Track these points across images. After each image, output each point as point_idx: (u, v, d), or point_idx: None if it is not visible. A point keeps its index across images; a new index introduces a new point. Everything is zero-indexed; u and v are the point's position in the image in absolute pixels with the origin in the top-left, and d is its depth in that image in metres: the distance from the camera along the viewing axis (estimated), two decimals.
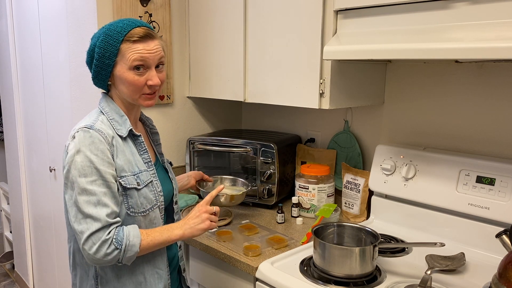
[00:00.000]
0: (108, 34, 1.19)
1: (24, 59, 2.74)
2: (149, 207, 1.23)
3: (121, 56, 1.19)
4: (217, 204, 1.72)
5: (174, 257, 1.41)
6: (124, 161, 1.20)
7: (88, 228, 1.12)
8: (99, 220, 1.12)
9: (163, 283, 1.31)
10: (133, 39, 1.18)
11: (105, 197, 1.14)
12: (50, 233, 2.68)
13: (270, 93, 1.81)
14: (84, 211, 1.12)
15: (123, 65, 1.19)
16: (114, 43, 1.18)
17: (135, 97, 1.23)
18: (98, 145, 1.15)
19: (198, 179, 1.74)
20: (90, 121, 1.20)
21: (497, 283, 1.13)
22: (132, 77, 1.19)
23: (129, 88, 1.21)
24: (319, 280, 1.31)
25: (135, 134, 1.27)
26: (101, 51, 1.19)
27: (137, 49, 1.18)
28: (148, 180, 1.24)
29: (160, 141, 1.44)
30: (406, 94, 1.78)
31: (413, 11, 1.33)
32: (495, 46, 1.09)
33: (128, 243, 1.15)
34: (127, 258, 1.16)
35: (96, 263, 1.15)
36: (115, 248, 1.13)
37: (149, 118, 1.44)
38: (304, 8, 1.62)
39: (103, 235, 1.12)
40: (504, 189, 1.44)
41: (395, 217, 1.73)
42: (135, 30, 1.19)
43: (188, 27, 2.18)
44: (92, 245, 1.12)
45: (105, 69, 1.21)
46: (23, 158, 2.95)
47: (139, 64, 1.19)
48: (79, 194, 1.13)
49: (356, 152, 1.94)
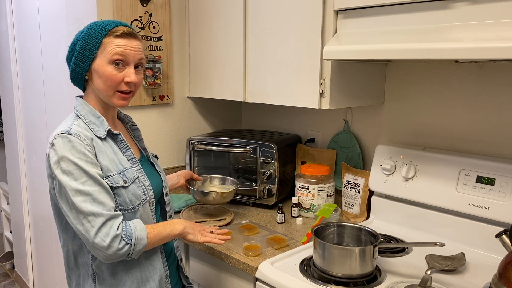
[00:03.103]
0: (92, 29, 1.22)
1: (24, 59, 2.74)
2: (138, 203, 1.24)
3: (102, 49, 1.21)
4: (208, 202, 1.75)
5: (172, 251, 1.42)
6: (108, 161, 1.21)
7: (92, 225, 1.12)
8: (101, 215, 1.13)
9: (158, 274, 1.31)
10: (116, 33, 1.21)
11: (100, 195, 1.15)
12: (50, 233, 2.68)
13: (270, 93, 1.81)
14: (84, 210, 1.13)
15: (103, 58, 1.21)
16: (97, 36, 1.20)
17: (110, 93, 1.23)
18: (79, 148, 1.15)
19: (188, 178, 1.77)
20: (66, 126, 1.19)
21: (497, 283, 1.13)
22: (110, 71, 1.21)
23: (106, 83, 1.22)
24: (319, 280, 1.31)
25: (114, 133, 1.27)
26: (83, 43, 1.21)
27: (119, 43, 1.21)
28: (135, 177, 1.25)
29: (142, 136, 1.44)
30: (406, 94, 1.78)
31: (413, 11, 1.33)
32: (495, 46, 1.09)
33: (137, 237, 1.17)
34: (137, 251, 1.18)
35: (107, 259, 1.15)
36: (126, 243, 1.15)
37: (127, 115, 1.44)
38: (304, 8, 1.62)
39: (111, 230, 1.13)
40: (504, 189, 1.44)
41: (395, 217, 1.73)
42: (119, 27, 1.23)
43: (188, 27, 2.18)
44: (102, 241, 1.12)
45: (85, 62, 1.22)
46: (23, 158, 2.95)
47: (119, 58, 1.21)
48: (73, 196, 1.13)
49: (356, 152, 1.94)
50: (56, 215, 1.27)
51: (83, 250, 1.24)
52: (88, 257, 1.24)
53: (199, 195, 1.75)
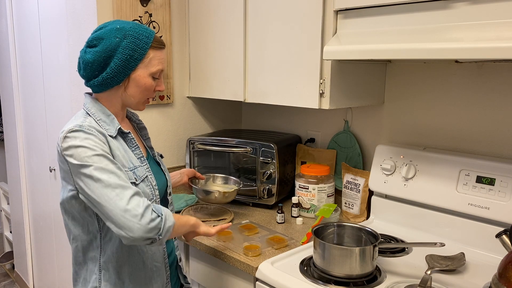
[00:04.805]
0: (136, 38, 1.19)
1: (24, 59, 2.74)
2: None
3: (147, 62, 1.22)
4: (210, 201, 1.75)
5: (172, 251, 1.43)
6: (121, 157, 1.21)
7: (121, 198, 1.08)
8: (129, 187, 1.11)
9: (161, 275, 1.32)
10: (159, 46, 1.24)
11: (123, 175, 1.13)
12: (50, 233, 2.69)
13: (270, 93, 1.81)
14: (111, 183, 1.09)
15: (145, 70, 1.22)
16: (144, 46, 1.20)
17: (141, 101, 1.27)
18: (95, 139, 1.14)
19: (191, 176, 1.77)
20: (78, 122, 1.18)
21: (497, 283, 1.13)
22: (150, 82, 1.24)
23: (143, 93, 1.25)
24: (319, 280, 1.31)
25: (124, 132, 1.27)
26: (130, 53, 1.18)
27: (161, 57, 1.25)
28: (144, 176, 1.25)
29: (149, 135, 1.44)
30: (406, 94, 1.78)
31: (413, 11, 1.33)
32: (495, 46, 1.09)
33: (167, 213, 1.16)
34: (166, 228, 1.14)
35: (140, 233, 1.08)
36: (158, 216, 1.12)
37: (134, 113, 1.44)
38: (304, 8, 1.62)
39: (141, 201, 1.10)
40: (504, 189, 1.44)
41: (395, 217, 1.73)
42: (157, 37, 1.25)
43: (188, 27, 2.18)
44: (135, 209, 1.08)
45: (126, 72, 1.20)
46: (23, 158, 2.95)
47: (161, 72, 1.25)
48: (99, 173, 1.09)
49: (356, 152, 1.94)
50: (63, 211, 1.25)
51: (93, 245, 1.24)
52: (97, 252, 1.24)
53: (202, 193, 1.75)
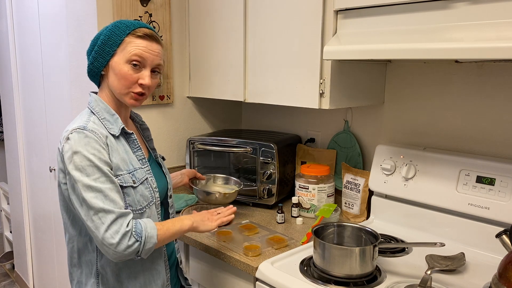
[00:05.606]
0: (116, 26, 1.23)
1: (24, 59, 2.74)
2: (145, 204, 1.24)
3: (123, 48, 1.21)
4: (211, 202, 1.75)
5: (172, 253, 1.42)
6: (119, 160, 1.21)
7: (102, 222, 1.11)
8: (111, 212, 1.12)
9: (161, 278, 1.32)
10: (139, 34, 1.22)
11: (111, 193, 1.14)
12: (50, 233, 2.68)
13: (270, 93, 1.81)
14: (95, 207, 1.12)
15: (121, 57, 1.21)
16: (120, 33, 1.21)
17: (123, 92, 1.24)
18: (94, 145, 1.15)
19: (191, 177, 1.77)
20: (82, 122, 1.19)
21: (497, 283, 1.13)
22: (126, 70, 1.21)
23: (120, 82, 1.22)
24: (319, 280, 1.31)
25: (127, 132, 1.27)
26: (105, 38, 1.22)
27: (140, 45, 1.21)
28: (143, 178, 1.25)
29: (152, 137, 1.45)
30: (406, 94, 1.78)
31: (413, 11, 1.33)
32: (495, 46, 1.09)
33: (147, 235, 1.15)
34: (146, 250, 1.16)
35: (117, 257, 1.13)
36: (136, 241, 1.14)
37: (138, 114, 1.44)
38: (304, 8, 1.62)
39: (121, 228, 1.12)
40: (504, 189, 1.44)
41: (395, 217, 1.73)
42: (143, 28, 1.23)
43: (188, 27, 2.18)
44: (111, 238, 1.11)
45: (104, 57, 1.22)
46: (23, 158, 2.95)
47: (137, 59, 1.21)
48: (84, 191, 1.12)
49: (356, 152, 1.94)
50: (64, 210, 1.26)
51: (88, 248, 1.24)
52: (93, 255, 1.24)
53: (202, 194, 1.75)
